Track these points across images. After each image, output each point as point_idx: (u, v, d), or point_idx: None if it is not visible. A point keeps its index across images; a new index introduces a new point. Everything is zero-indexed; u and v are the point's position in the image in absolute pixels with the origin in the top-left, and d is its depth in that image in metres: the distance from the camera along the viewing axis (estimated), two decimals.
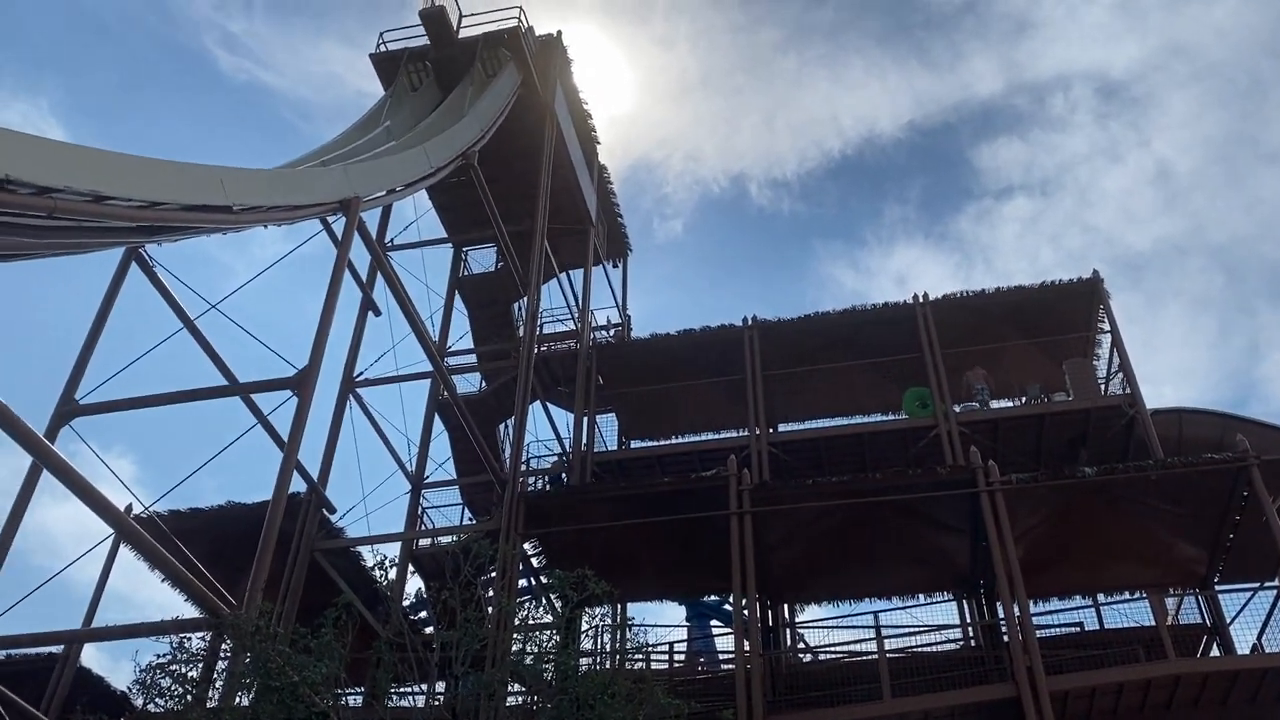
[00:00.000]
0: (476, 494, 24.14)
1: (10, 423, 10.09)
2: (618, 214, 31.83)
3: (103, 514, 11.81)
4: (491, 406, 24.72)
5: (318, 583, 18.76)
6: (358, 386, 22.53)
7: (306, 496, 19.14)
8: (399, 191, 19.55)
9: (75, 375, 15.30)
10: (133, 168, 11.92)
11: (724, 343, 24.25)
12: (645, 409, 26.30)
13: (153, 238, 14.31)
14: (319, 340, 15.16)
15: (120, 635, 13.05)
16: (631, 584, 20.63)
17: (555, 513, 19.41)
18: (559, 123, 26.78)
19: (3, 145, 9.74)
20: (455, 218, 27.08)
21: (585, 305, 27.54)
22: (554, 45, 27.96)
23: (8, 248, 12.22)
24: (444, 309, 27.16)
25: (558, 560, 19.45)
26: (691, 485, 19.38)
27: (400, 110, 24.25)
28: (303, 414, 14.43)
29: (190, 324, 16.94)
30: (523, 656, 13.23)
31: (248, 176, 14.44)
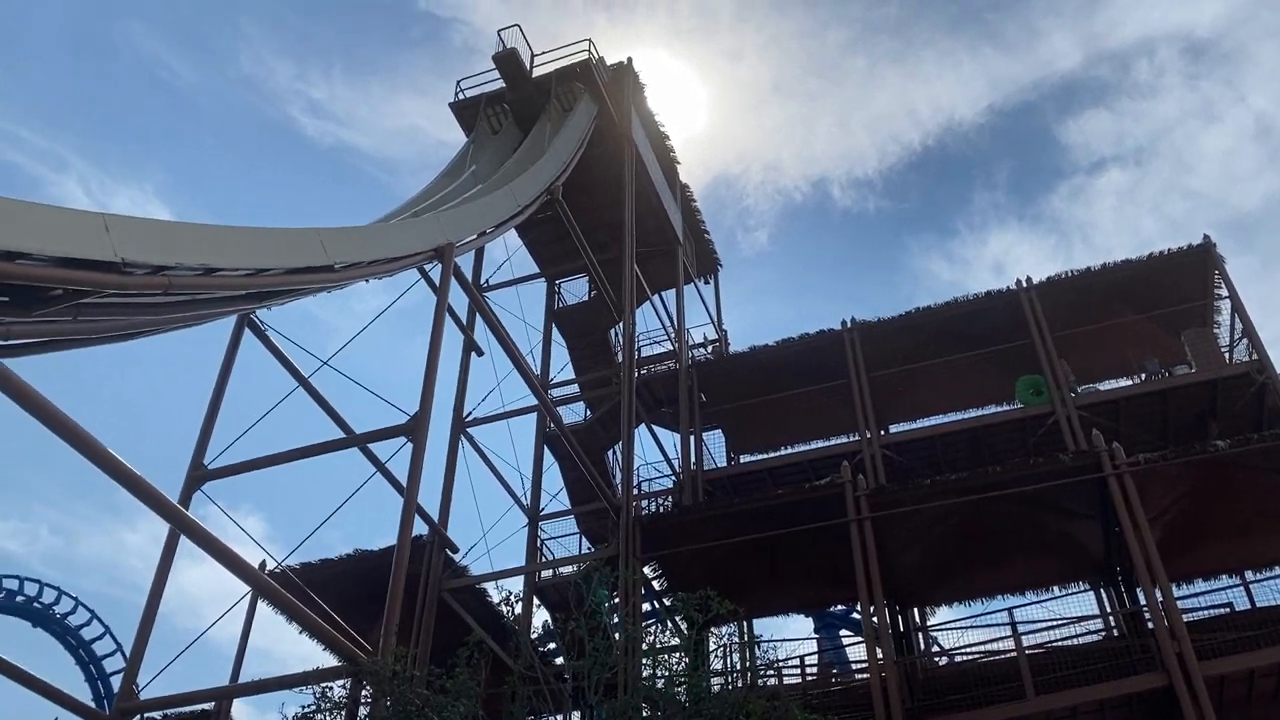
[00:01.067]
0: (592, 522, 24.31)
1: (148, 493, 10.58)
2: (704, 231, 31.85)
3: (240, 573, 12.27)
4: (598, 434, 24.91)
5: (447, 622, 19.10)
6: (468, 426, 22.96)
7: (429, 538, 19.55)
8: (490, 233, 19.94)
9: (202, 441, 15.98)
10: (237, 238, 12.43)
11: (824, 348, 23.99)
12: (751, 422, 26.17)
13: (262, 303, 14.89)
14: (427, 385, 15.53)
15: (266, 689, 13.51)
16: (755, 600, 20.47)
17: (672, 534, 19.40)
18: (637, 148, 26.98)
19: (116, 230, 10.27)
20: (545, 252, 27.49)
21: (680, 325, 27.59)
22: (625, 73, 28.23)
23: (129, 327, 12.87)
24: (543, 342, 27.55)
25: (679, 581, 19.44)
26: (806, 495, 19.15)
27: (483, 154, 24.78)
28: (419, 459, 14.78)
29: (305, 382, 17.52)
30: (654, 680, 13.25)
31: (346, 235, 14.92)
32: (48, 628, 30.02)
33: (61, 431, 9.40)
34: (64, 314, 10.80)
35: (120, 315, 11.86)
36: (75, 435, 9.51)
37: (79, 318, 11.21)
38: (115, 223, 10.19)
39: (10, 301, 10.20)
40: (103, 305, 11.17)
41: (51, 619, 29.98)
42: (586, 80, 26.33)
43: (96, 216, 10.09)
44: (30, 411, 9.18)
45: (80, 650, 30.27)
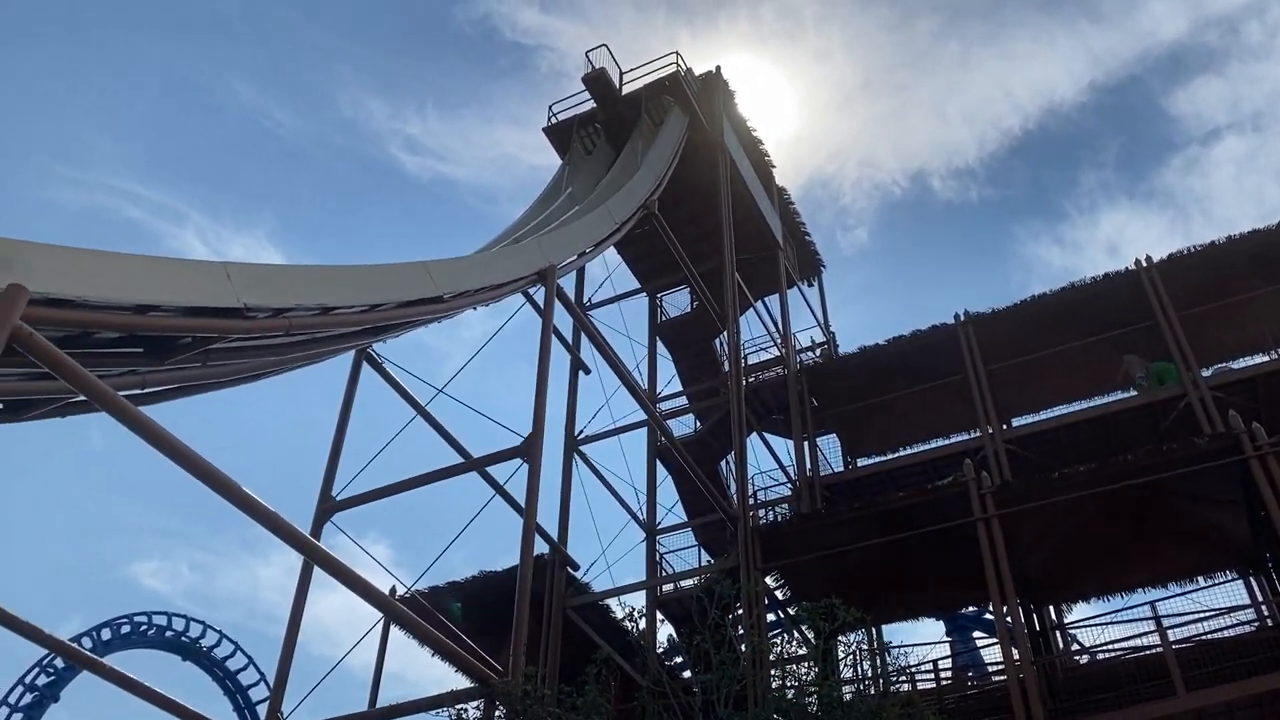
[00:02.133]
0: (710, 533, 24.21)
1: (281, 527, 10.96)
2: (804, 233, 31.55)
3: (372, 600, 12.61)
4: (710, 445, 24.83)
5: (572, 640, 19.26)
6: (580, 445, 23.18)
7: (550, 557, 19.77)
8: (589, 253, 20.15)
9: (329, 473, 16.54)
10: (351, 276, 12.85)
11: (938, 344, 23.44)
12: (865, 425, 25.74)
13: (377, 337, 15.35)
14: (538, 406, 15.77)
15: (404, 712, 13.82)
16: (882, 605, 20.07)
17: (792, 543, 19.18)
18: (731, 155, 26.92)
19: (237, 277, 10.72)
20: (645, 267, 27.62)
21: (786, 329, 27.35)
22: (714, 81, 28.23)
23: (255, 368, 13.40)
24: (648, 357, 27.65)
25: (802, 590, 19.21)
26: (929, 496, 18.71)
27: (579, 175, 25.07)
28: (535, 479, 15.00)
29: (422, 410, 17.96)
30: (783, 691, 13.11)
31: (452, 265, 15.27)
32: (196, 660, 31.36)
33: (198, 473, 9.82)
34: (194, 360, 11.32)
35: (246, 358, 12.37)
36: (211, 476, 9.92)
37: (208, 363, 11.74)
38: (236, 270, 10.63)
39: (145, 352, 10.74)
40: (229, 350, 11.67)
41: (199, 652, 31.32)
42: (676, 93, 26.41)
43: (218, 266, 10.55)
44: (169, 455, 9.61)
45: (227, 681, 31.52)
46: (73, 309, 8.97)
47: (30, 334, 8.30)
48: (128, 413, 9.42)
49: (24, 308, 8.20)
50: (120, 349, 10.57)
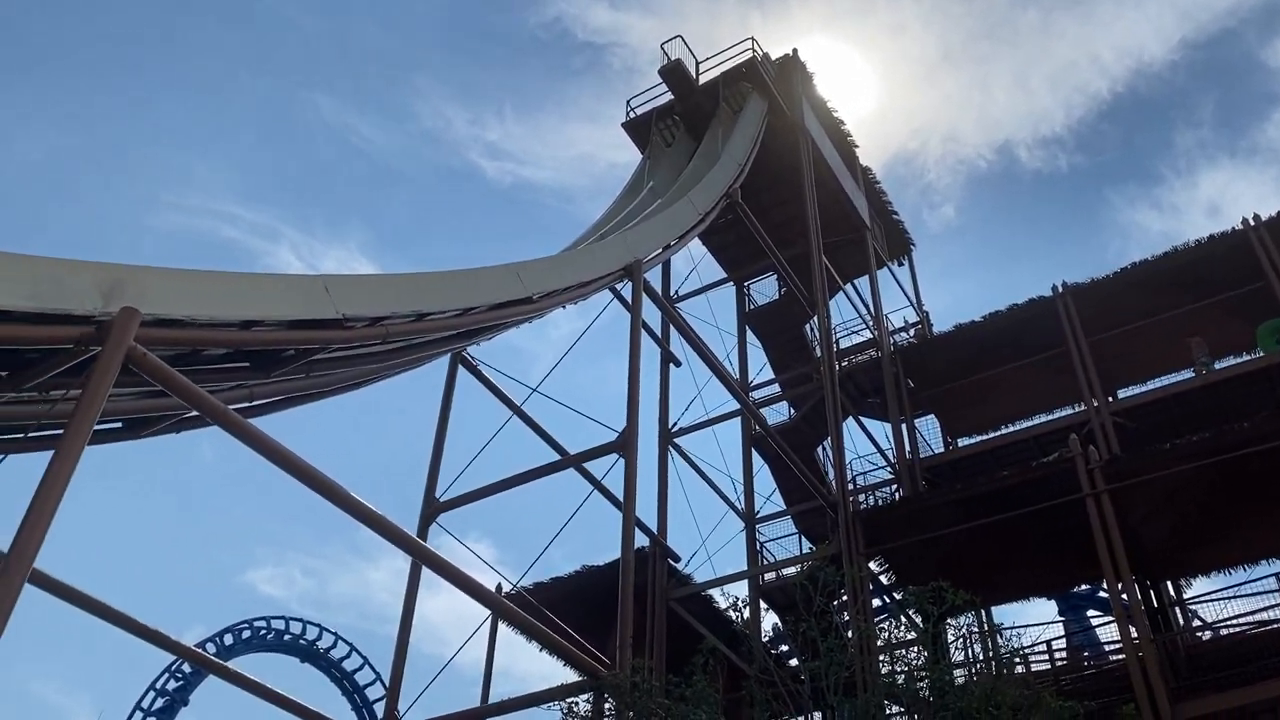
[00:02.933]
0: (810, 521, 24.02)
1: (390, 531, 11.25)
2: (892, 212, 31.01)
3: (480, 598, 12.86)
4: (805, 432, 24.62)
5: (677, 631, 19.33)
6: (675, 437, 23.22)
7: (650, 550, 19.86)
8: (674, 245, 20.14)
9: (432, 476, 16.89)
10: (443, 282, 13.09)
11: (1036, 317, 22.81)
12: (964, 404, 25.20)
13: (471, 340, 15.62)
14: (632, 400, 15.85)
15: (517, 707, 14.06)
16: (991, 587, 19.64)
17: (894, 527, 18.91)
18: (812, 137, 26.61)
19: (335, 289, 11.02)
20: (731, 255, 27.49)
21: (878, 311, 26.95)
22: (791, 64, 27.94)
23: (355, 377, 13.78)
24: (738, 346, 27.54)
25: (907, 575, 18.93)
26: (1034, 474, 18.26)
27: (660, 168, 25.08)
28: (632, 473, 15.10)
29: (518, 410, 18.21)
30: (893, 677, 12.94)
31: (539, 266, 15.44)
32: (314, 662, 32.37)
33: (309, 481, 10.13)
34: (298, 372, 11.68)
35: (346, 367, 12.73)
36: (321, 483, 10.22)
37: (311, 374, 12.10)
38: (333, 283, 10.93)
39: (251, 366, 11.13)
40: (330, 360, 12.02)
41: (317, 654, 32.32)
42: (753, 79, 26.21)
43: (316, 279, 10.86)
44: (279, 465, 9.93)
45: (344, 681, 32.47)
46: (182, 328, 9.34)
47: (144, 354, 8.67)
48: (239, 425, 9.77)
49: (137, 329, 8.57)
50: (228, 364, 10.97)
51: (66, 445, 7.94)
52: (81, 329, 8.40)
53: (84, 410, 8.15)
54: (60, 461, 7.85)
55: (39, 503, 7.64)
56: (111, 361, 8.30)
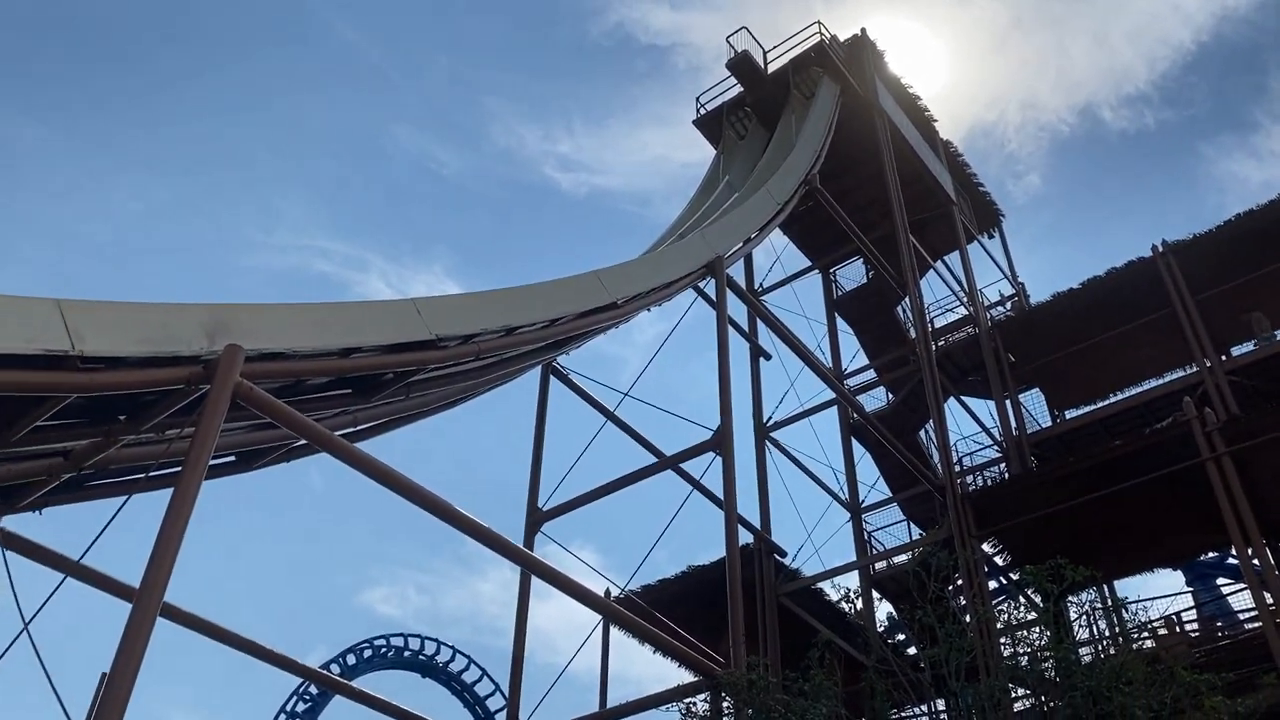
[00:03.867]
0: (917, 506, 23.59)
1: (498, 543, 11.41)
2: (978, 184, 30.29)
3: (590, 604, 12.96)
4: (905, 416, 24.19)
5: (789, 626, 19.18)
6: (770, 431, 23.06)
7: (755, 546, 19.76)
8: (755, 238, 20.01)
9: (533, 486, 17.10)
10: (529, 295, 13.25)
11: (1137, 279, 21.99)
12: (1069, 375, 24.45)
13: (560, 350, 15.78)
14: (724, 397, 15.78)
15: (637, 709, 14.12)
16: (1112, 560, 19.03)
17: (1005, 506, 18.44)
18: (888, 116, 26.17)
19: (426, 311, 11.25)
20: (814, 243, 27.21)
21: (971, 286, 26.34)
22: (861, 44, 27.53)
23: (452, 395, 14.03)
24: (829, 334, 27.24)
25: (1023, 554, 18.46)
26: (1149, 441, 17.62)
27: (734, 161, 24.95)
28: (730, 470, 15.03)
29: (611, 415, 18.30)
30: (1016, 659, 12.62)
31: (622, 271, 15.50)
32: (434, 677, 33.07)
33: (417, 500, 10.34)
34: (398, 394, 11.94)
35: (443, 386, 12.96)
36: (429, 501, 10.43)
37: (410, 395, 12.36)
38: (424, 305, 11.17)
39: (353, 392, 11.42)
40: (427, 380, 12.26)
41: (436, 668, 33.01)
42: (823, 63, 25.90)
43: (408, 303, 11.10)
44: (389, 486, 10.16)
45: (465, 693, 33.10)
46: (285, 360, 9.64)
47: (250, 388, 8.96)
48: (346, 450, 10.03)
49: (242, 365, 8.87)
50: (331, 392, 11.28)
51: (185, 482, 8.25)
52: (190, 369, 8.73)
53: (198, 447, 8.46)
54: (180, 498, 8.17)
55: (164, 539, 7.95)
56: (220, 398, 8.61)
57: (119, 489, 11.05)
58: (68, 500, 10.86)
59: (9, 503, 10.47)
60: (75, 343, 7.80)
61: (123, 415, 9.41)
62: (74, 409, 8.78)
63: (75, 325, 7.88)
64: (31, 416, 8.45)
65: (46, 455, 9.80)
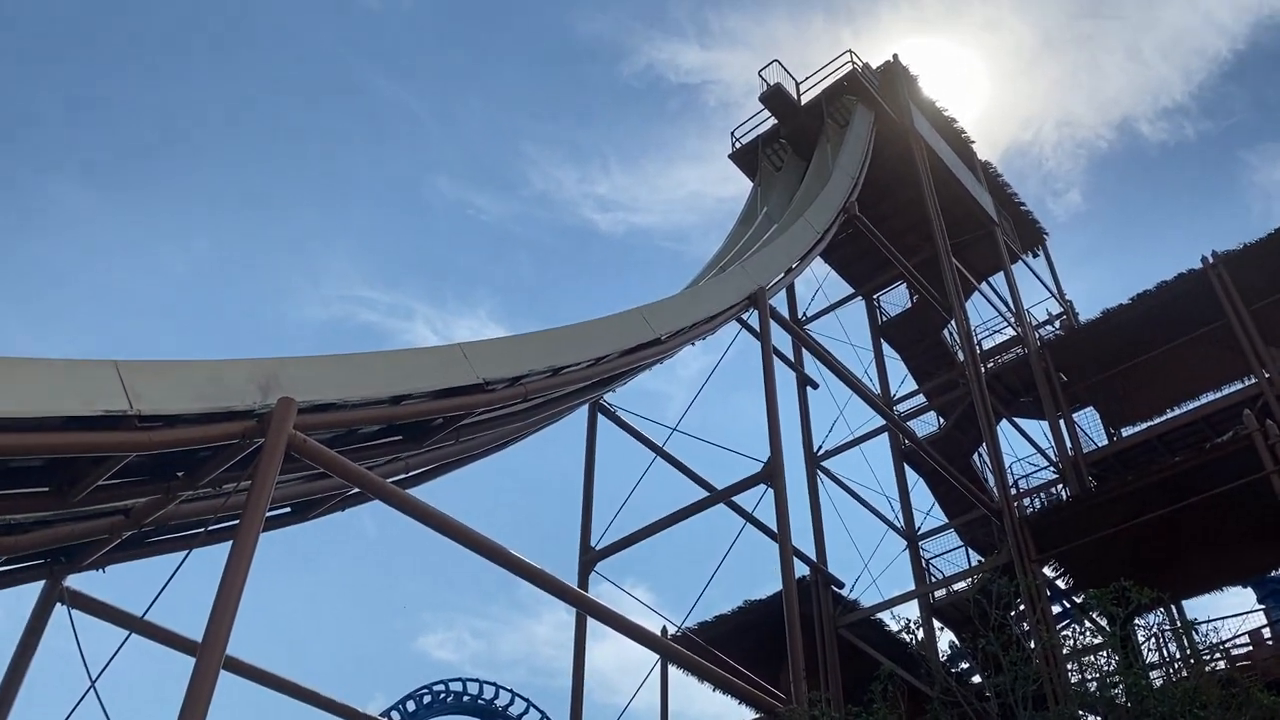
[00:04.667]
0: (975, 531, 23.22)
1: (553, 585, 11.40)
2: (1019, 203, 30.02)
3: (647, 643, 12.88)
4: (958, 440, 23.89)
5: (849, 658, 18.91)
6: (821, 461, 22.88)
7: (812, 578, 19.55)
8: (796, 268, 19.98)
9: (585, 525, 17.05)
10: (573, 335, 13.32)
11: (1189, 292, 21.61)
12: (1123, 392, 24.04)
13: (607, 388, 15.82)
14: (773, 428, 15.68)
15: None
16: (1178, 580, 18.57)
17: (1065, 529, 18.09)
18: (924, 140, 26.11)
19: (473, 356, 11.35)
20: (856, 270, 27.11)
21: (1018, 306, 26.03)
22: (894, 70, 27.57)
23: (501, 437, 14.11)
24: (875, 360, 27.03)
25: (1085, 577, 18.08)
26: (1209, 457, 17.22)
27: (772, 193, 24.99)
28: (783, 502, 14.89)
29: (660, 451, 18.25)
30: (1085, 685, 12.32)
31: (665, 307, 15.54)
32: None
33: (471, 544, 10.37)
34: (447, 439, 12.04)
35: (492, 429, 13.05)
36: (483, 545, 10.46)
37: (460, 439, 12.46)
38: (470, 349, 11.27)
39: (404, 438, 11.53)
40: (476, 424, 12.35)
41: (496, 713, 32.85)
42: (856, 90, 25.93)
43: (454, 348, 11.22)
44: (442, 532, 10.21)
45: None
46: (336, 411, 9.77)
47: (304, 440, 9.09)
48: (399, 498, 10.11)
49: (295, 417, 9.00)
50: (382, 439, 11.40)
51: (243, 536, 8.36)
52: (245, 423, 8.88)
53: (255, 500, 8.58)
54: (239, 552, 8.27)
55: (224, 592, 8.05)
56: (275, 451, 8.73)
57: (179, 544, 11.24)
58: (129, 557, 11.05)
59: (73, 562, 10.69)
60: (133, 402, 7.98)
61: (180, 471, 9.59)
62: (133, 467, 8.96)
63: (132, 385, 8.06)
64: (93, 476, 8.64)
65: (108, 514, 10.00)
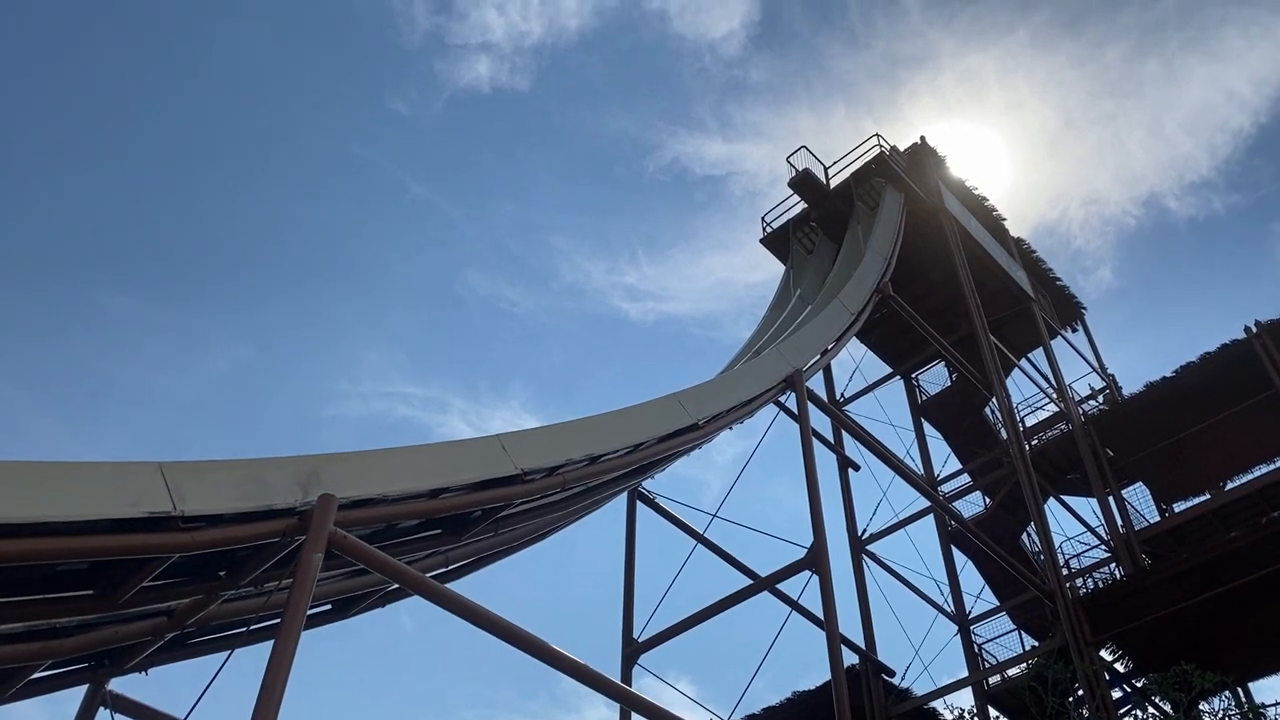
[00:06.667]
0: (1028, 613, 22.58)
1: (596, 680, 11.15)
2: (1054, 279, 29.90)
3: None
4: (1005, 519, 23.41)
5: None
6: (866, 544, 22.49)
7: (862, 667, 19.05)
8: (832, 349, 19.94)
9: (627, 616, 16.79)
10: (611, 423, 13.30)
11: (1234, 362, 21.26)
12: (1173, 466, 23.53)
13: (645, 475, 15.72)
14: (815, 512, 15.44)
15: None
16: (1242, 661, 17.89)
17: (1122, 609, 17.54)
18: (956, 219, 26.20)
19: (511, 446, 11.34)
20: (893, 350, 27.02)
21: (1060, 381, 25.73)
22: (922, 151, 27.84)
23: (540, 528, 14.02)
24: (917, 440, 26.73)
25: (1145, 659, 17.47)
26: (1267, 531, 16.72)
27: (804, 275, 25.10)
28: (828, 588, 14.58)
29: (701, 538, 18.05)
30: None
31: (701, 391, 15.51)
32: None
33: (513, 640, 10.18)
34: (486, 531, 11.98)
35: (531, 520, 12.97)
36: (525, 640, 10.27)
37: (498, 531, 12.39)
38: (509, 440, 11.27)
39: (443, 532, 11.49)
40: (515, 515, 12.29)
41: None
42: (885, 173, 26.18)
43: (492, 439, 11.22)
44: (482, 627, 10.06)
45: None
46: (376, 506, 9.76)
47: (344, 537, 9.07)
48: (439, 594, 10.01)
49: (335, 514, 9.00)
50: (421, 533, 11.36)
51: (284, 635, 8.30)
52: (285, 521, 8.88)
53: (297, 598, 8.53)
54: (280, 651, 8.20)
55: (266, 692, 7.96)
56: (316, 548, 8.71)
57: (221, 644, 11.18)
58: (172, 659, 11.00)
59: (116, 664, 10.65)
60: (176, 503, 8.02)
61: (222, 571, 9.59)
62: (176, 568, 8.98)
63: (176, 486, 8.12)
64: (137, 578, 8.66)
65: (151, 615, 9.99)
